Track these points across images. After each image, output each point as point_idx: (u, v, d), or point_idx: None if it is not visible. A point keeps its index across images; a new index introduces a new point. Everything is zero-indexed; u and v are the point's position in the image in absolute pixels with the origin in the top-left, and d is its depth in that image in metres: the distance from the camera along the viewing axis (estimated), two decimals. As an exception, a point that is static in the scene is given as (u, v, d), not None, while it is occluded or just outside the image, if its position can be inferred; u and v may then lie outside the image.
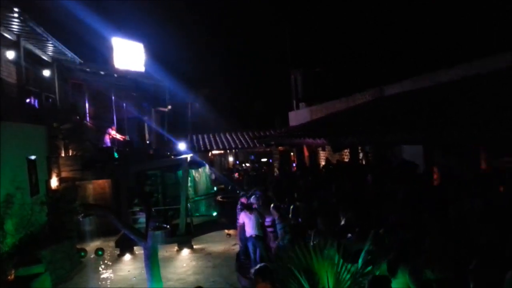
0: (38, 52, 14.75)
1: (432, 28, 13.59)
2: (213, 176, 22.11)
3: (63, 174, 14.71)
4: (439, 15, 13.39)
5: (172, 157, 18.46)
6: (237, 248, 12.66)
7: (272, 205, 9.40)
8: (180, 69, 25.86)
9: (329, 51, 19.38)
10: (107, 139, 17.14)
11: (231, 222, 13.23)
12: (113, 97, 19.13)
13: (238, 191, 15.93)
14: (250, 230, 10.16)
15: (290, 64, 21.65)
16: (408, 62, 13.90)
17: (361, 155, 14.70)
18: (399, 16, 15.06)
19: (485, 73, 8.37)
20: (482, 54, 8.98)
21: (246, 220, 10.27)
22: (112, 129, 17.41)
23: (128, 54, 19.91)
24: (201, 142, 24.64)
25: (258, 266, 5.12)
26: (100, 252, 13.13)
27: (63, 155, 15.37)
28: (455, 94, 8.40)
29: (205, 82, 30.82)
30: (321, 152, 17.81)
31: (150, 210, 9.81)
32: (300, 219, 8.51)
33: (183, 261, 12.52)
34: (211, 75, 30.45)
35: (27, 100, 14.29)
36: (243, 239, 10.82)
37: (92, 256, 13.09)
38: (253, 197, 10.87)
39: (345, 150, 14.70)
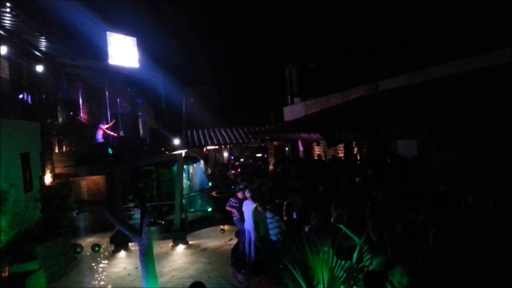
0: (31, 47, 14.62)
1: (428, 24, 13.60)
2: (208, 171, 22.06)
3: (57, 170, 14.65)
4: (435, 11, 13.41)
5: (167, 152, 18.42)
6: (232, 243, 12.67)
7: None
8: (175, 65, 25.77)
9: (324, 46, 19.38)
10: (99, 134, 17.06)
11: (226, 218, 13.20)
12: (107, 93, 19.03)
13: (233, 187, 15.91)
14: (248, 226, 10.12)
15: (286, 59, 21.64)
16: (403, 58, 13.94)
17: (355, 150, 14.73)
18: (394, 11, 15.07)
19: (480, 69, 8.39)
20: (477, 51, 9.01)
21: (246, 216, 10.17)
22: (104, 125, 17.34)
23: (123, 50, 19.78)
24: (195, 138, 24.63)
25: (251, 263, 5.07)
26: (96, 248, 13.09)
27: (57, 151, 15.30)
28: (450, 90, 8.41)
29: (200, 78, 30.76)
30: (316, 147, 17.82)
31: (144, 206, 9.75)
32: (294, 215, 8.49)
33: (178, 257, 12.50)
34: (206, 71, 30.38)
35: (20, 96, 14.19)
36: (243, 234, 10.83)
37: (87, 252, 13.05)
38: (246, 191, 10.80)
39: (340, 145, 14.72)
